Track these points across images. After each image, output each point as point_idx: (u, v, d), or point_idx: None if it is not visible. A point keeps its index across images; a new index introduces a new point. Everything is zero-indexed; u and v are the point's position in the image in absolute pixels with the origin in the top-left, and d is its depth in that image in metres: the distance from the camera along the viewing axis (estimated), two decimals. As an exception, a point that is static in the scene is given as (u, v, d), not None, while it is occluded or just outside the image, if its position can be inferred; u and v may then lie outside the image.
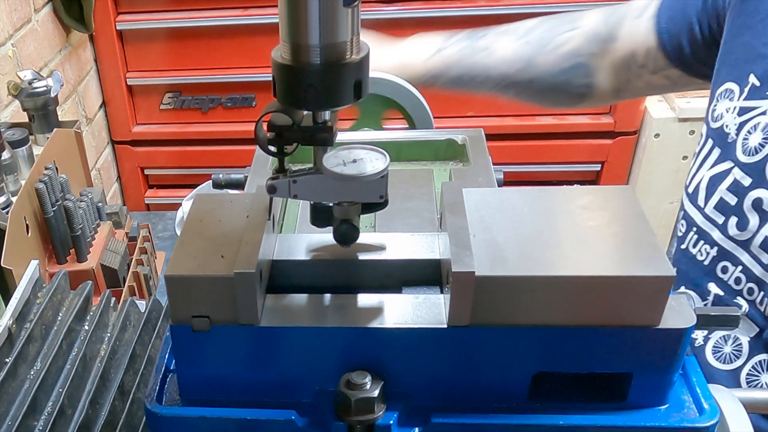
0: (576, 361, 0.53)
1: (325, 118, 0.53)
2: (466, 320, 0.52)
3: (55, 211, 1.16)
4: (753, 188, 0.75)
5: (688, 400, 0.55)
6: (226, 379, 0.56)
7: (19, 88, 1.43)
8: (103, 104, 2.23)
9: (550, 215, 0.56)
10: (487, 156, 0.80)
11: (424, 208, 0.73)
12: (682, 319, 0.51)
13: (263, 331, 0.53)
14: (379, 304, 0.55)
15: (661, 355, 0.52)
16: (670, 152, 2.18)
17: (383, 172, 0.53)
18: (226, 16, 2.03)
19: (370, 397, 0.53)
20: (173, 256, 0.54)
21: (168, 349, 0.60)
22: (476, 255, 0.51)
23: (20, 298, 0.76)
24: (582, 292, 0.50)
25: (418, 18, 1.99)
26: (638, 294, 0.50)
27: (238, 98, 2.17)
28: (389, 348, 0.54)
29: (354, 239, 0.57)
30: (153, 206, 2.37)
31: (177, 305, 0.53)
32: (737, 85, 0.80)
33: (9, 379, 0.70)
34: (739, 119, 0.78)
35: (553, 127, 2.19)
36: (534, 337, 0.52)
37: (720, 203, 0.78)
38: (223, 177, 0.81)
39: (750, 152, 0.76)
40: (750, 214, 0.75)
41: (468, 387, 0.55)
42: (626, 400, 0.54)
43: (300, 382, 0.56)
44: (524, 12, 1.97)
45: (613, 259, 0.51)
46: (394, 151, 0.84)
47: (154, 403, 0.56)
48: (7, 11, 1.67)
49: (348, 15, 0.49)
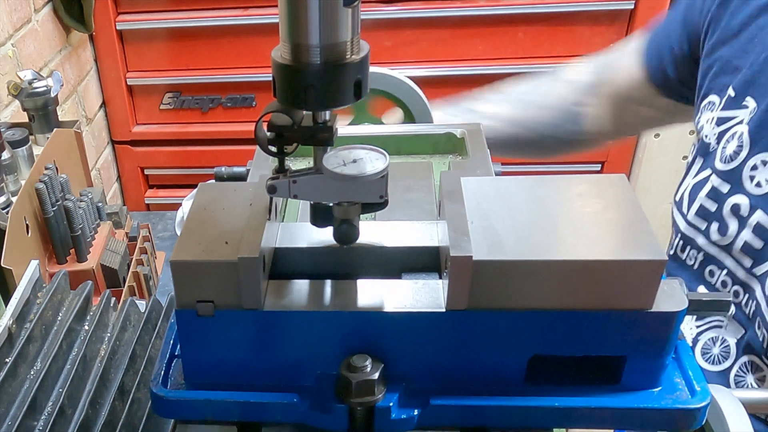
0: (571, 344, 0.54)
1: (325, 118, 0.54)
2: (463, 304, 0.53)
3: (55, 211, 1.16)
4: (731, 194, 0.77)
5: (681, 383, 0.56)
6: (230, 363, 0.57)
7: (19, 88, 1.43)
8: (103, 104, 2.24)
9: (547, 202, 0.57)
10: (486, 149, 0.81)
11: (424, 200, 0.74)
12: (674, 302, 0.53)
13: (266, 316, 0.55)
14: (379, 290, 0.56)
15: (654, 338, 0.54)
16: (670, 152, 2.19)
17: (383, 172, 0.54)
18: (226, 16, 2.04)
19: (371, 379, 0.54)
20: (178, 242, 0.55)
21: (173, 334, 0.61)
22: (474, 240, 0.53)
23: (20, 298, 0.77)
24: (577, 276, 0.51)
25: (418, 18, 2.00)
26: (631, 277, 0.51)
27: (238, 98, 2.18)
28: (389, 332, 0.55)
29: (354, 239, 0.57)
30: (153, 206, 2.38)
31: (182, 290, 0.54)
32: (717, 96, 0.83)
33: (9, 379, 0.70)
34: (718, 129, 0.81)
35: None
36: (530, 321, 0.53)
37: (701, 210, 0.80)
38: (226, 170, 0.83)
39: (726, 160, 0.78)
40: (729, 220, 0.77)
41: (466, 370, 0.56)
42: (620, 382, 0.56)
43: (302, 366, 0.57)
44: (524, 12, 1.99)
45: (607, 244, 0.52)
46: (394, 145, 0.85)
47: (160, 387, 0.57)
48: (7, 11, 1.68)
49: (348, 15, 0.49)
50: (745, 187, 0.75)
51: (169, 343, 0.60)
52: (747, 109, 0.78)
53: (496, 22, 2.02)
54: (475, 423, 0.56)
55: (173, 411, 0.58)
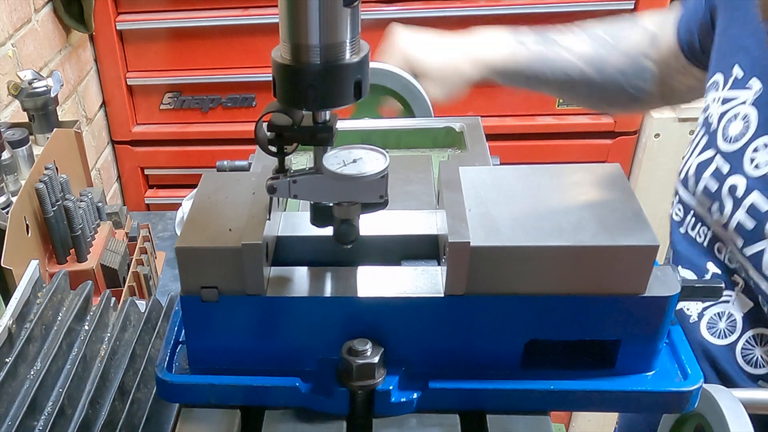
0: (566, 329, 0.56)
1: (325, 118, 0.54)
2: (461, 289, 0.54)
3: (55, 211, 1.16)
4: (730, 175, 0.78)
5: (674, 367, 0.58)
6: (234, 348, 0.59)
7: (19, 88, 1.43)
8: (103, 104, 2.25)
9: (543, 190, 0.59)
10: (484, 142, 0.83)
11: (423, 192, 0.75)
12: (667, 287, 0.54)
13: (269, 301, 0.56)
14: (379, 276, 0.58)
15: (647, 322, 0.55)
16: (670, 152, 2.19)
17: (383, 172, 0.54)
18: (226, 16, 2.05)
19: (371, 362, 0.55)
20: (184, 229, 0.56)
21: (178, 321, 0.62)
22: (471, 227, 0.54)
23: (20, 298, 0.77)
24: (572, 261, 0.53)
25: (418, 18, 2.01)
26: (625, 263, 0.52)
27: (238, 98, 2.19)
28: (389, 317, 0.56)
29: (354, 239, 0.58)
30: (153, 206, 2.39)
31: (187, 276, 0.56)
32: (723, 75, 0.84)
33: (9, 379, 0.71)
34: (722, 108, 0.81)
35: (553, 127, 2.21)
36: (526, 306, 0.55)
37: (705, 189, 0.81)
38: (228, 164, 0.84)
39: (730, 140, 0.79)
40: (726, 200, 0.78)
41: (464, 354, 0.57)
42: (615, 367, 0.57)
43: (304, 351, 0.58)
44: (524, 12, 2.00)
45: (601, 230, 0.54)
46: (394, 139, 0.86)
47: (165, 372, 0.59)
48: (7, 11, 1.68)
49: (348, 15, 0.49)
50: (745, 168, 0.76)
51: (174, 329, 0.62)
52: (751, 90, 0.78)
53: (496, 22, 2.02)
54: (473, 406, 0.58)
55: (178, 395, 0.59)
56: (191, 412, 0.59)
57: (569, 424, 2.32)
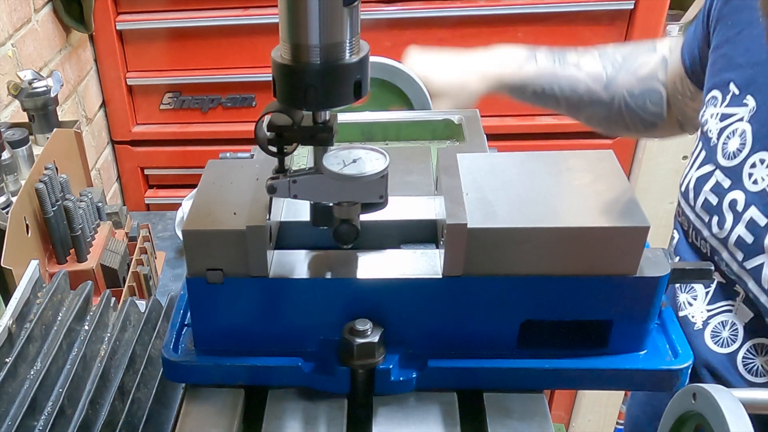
0: (560, 309, 0.58)
1: (325, 118, 0.55)
2: (459, 270, 0.56)
3: (55, 211, 1.16)
4: (730, 190, 0.80)
5: (665, 347, 0.59)
6: (238, 329, 0.60)
7: (19, 88, 1.43)
8: (103, 104, 2.26)
9: (538, 176, 0.60)
10: (483, 134, 0.84)
11: (422, 182, 0.77)
12: (658, 269, 0.56)
13: (273, 283, 0.58)
14: (380, 259, 0.60)
15: (639, 302, 0.57)
16: (670, 152, 2.20)
17: (383, 172, 0.55)
18: (226, 16, 2.06)
19: (371, 342, 0.57)
20: (189, 213, 0.58)
21: (183, 304, 0.64)
22: (469, 210, 0.56)
23: (20, 298, 0.78)
24: (565, 243, 0.55)
25: (418, 18, 2.02)
26: (616, 244, 0.54)
27: (238, 98, 2.21)
28: (389, 298, 0.58)
29: (354, 239, 0.58)
30: (153, 206, 2.40)
31: (193, 259, 0.57)
32: (720, 92, 0.86)
33: (9, 379, 0.71)
34: (720, 124, 0.84)
35: (553, 127, 2.21)
36: (522, 286, 0.57)
37: (705, 203, 0.83)
38: (231, 156, 0.86)
39: (729, 156, 0.81)
40: (727, 214, 0.80)
41: (462, 334, 0.59)
42: (607, 346, 0.59)
43: (306, 332, 0.60)
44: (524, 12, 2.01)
45: (593, 212, 0.56)
46: (394, 131, 0.88)
47: (171, 353, 0.60)
48: (7, 11, 1.70)
49: (348, 15, 0.50)
50: (744, 183, 0.79)
51: (180, 312, 0.63)
52: (747, 107, 0.81)
53: (496, 22, 2.03)
54: (470, 385, 0.59)
55: (183, 376, 0.61)
56: (197, 391, 0.61)
57: (569, 424, 2.33)
